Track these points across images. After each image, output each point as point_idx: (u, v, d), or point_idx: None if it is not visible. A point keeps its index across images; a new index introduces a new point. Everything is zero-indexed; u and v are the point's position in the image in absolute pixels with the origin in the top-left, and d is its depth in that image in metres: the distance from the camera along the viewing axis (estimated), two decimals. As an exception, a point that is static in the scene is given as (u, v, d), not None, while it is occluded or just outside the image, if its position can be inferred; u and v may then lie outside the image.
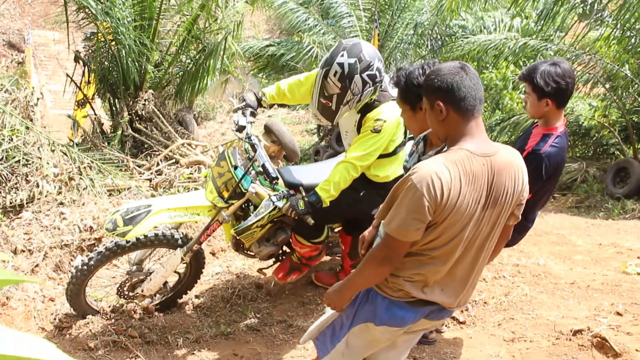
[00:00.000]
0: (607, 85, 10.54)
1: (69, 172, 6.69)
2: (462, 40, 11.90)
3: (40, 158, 6.57)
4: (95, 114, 9.55)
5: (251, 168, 4.23)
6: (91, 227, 5.89)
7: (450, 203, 2.29)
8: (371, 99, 3.92)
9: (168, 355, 4.31)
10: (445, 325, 4.54)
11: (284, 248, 4.78)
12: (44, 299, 5.00)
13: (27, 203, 6.18)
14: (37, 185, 6.33)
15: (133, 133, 8.84)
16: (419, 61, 12.14)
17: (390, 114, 3.90)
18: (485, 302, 4.82)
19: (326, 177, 3.99)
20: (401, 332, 2.75)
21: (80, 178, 6.73)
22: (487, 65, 13.10)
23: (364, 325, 2.74)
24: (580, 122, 11.07)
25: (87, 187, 6.65)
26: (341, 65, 3.68)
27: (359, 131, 4.05)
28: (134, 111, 8.90)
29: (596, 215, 8.66)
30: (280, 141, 4.68)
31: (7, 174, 6.31)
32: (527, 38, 10.82)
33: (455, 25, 14.15)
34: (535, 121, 3.73)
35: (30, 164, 6.50)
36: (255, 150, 4.20)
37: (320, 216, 4.09)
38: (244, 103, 4.34)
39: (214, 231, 4.45)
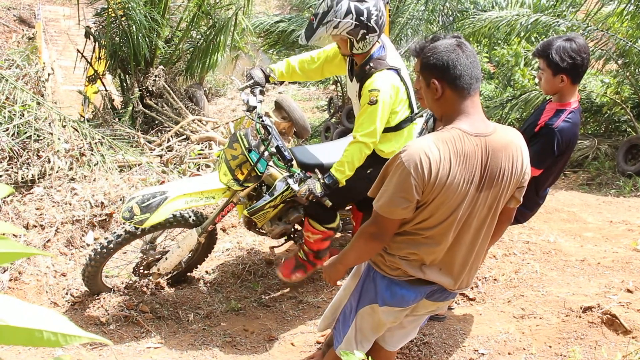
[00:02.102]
0: (620, 62, 10.42)
1: (80, 148, 6.70)
2: (473, 17, 11.75)
3: (52, 134, 6.58)
4: (106, 90, 9.55)
5: (265, 151, 4.20)
6: (102, 203, 5.91)
7: (439, 182, 2.28)
8: (350, 40, 3.82)
9: (179, 331, 4.35)
10: (455, 302, 4.55)
11: (296, 227, 4.78)
12: (55, 274, 5.04)
13: (38, 178, 6.20)
14: (49, 161, 6.35)
15: (144, 109, 8.84)
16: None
17: (382, 82, 3.81)
18: (495, 279, 4.82)
19: (339, 157, 3.96)
20: (404, 313, 2.77)
21: (91, 154, 6.74)
22: (499, 41, 12.98)
23: (369, 307, 2.76)
24: (592, 99, 10.96)
25: (98, 162, 6.66)
26: None
27: (359, 101, 4.02)
28: (144, 87, 8.89)
29: (607, 192, 8.60)
30: (291, 118, 4.66)
31: (18, 150, 6.33)
32: (539, 14, 10.67)
33: (466, 0, 13.98)
34: (548, 98, 3.71)
35: (41, 139, 6.51)
36: (268, 132, 4.14)
37: (334, 197, 4.06)
38: (251, 81, 4.24)
39: (228, 212, 4.46)
